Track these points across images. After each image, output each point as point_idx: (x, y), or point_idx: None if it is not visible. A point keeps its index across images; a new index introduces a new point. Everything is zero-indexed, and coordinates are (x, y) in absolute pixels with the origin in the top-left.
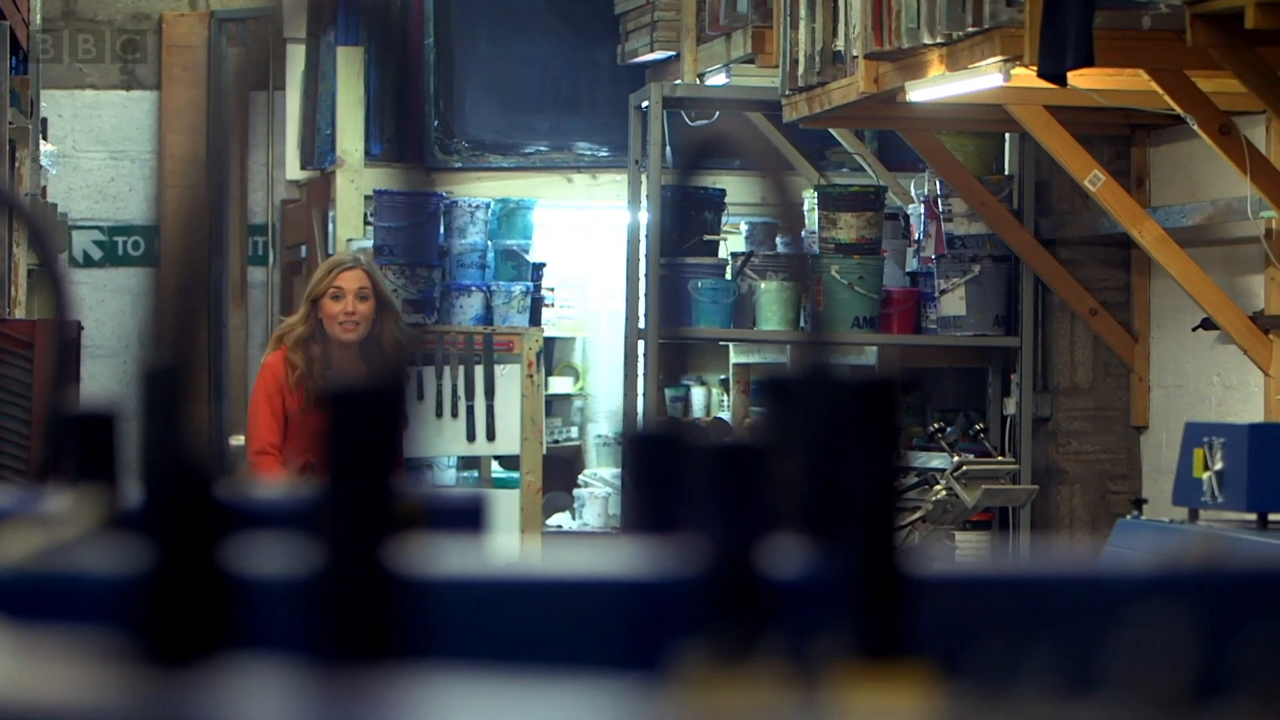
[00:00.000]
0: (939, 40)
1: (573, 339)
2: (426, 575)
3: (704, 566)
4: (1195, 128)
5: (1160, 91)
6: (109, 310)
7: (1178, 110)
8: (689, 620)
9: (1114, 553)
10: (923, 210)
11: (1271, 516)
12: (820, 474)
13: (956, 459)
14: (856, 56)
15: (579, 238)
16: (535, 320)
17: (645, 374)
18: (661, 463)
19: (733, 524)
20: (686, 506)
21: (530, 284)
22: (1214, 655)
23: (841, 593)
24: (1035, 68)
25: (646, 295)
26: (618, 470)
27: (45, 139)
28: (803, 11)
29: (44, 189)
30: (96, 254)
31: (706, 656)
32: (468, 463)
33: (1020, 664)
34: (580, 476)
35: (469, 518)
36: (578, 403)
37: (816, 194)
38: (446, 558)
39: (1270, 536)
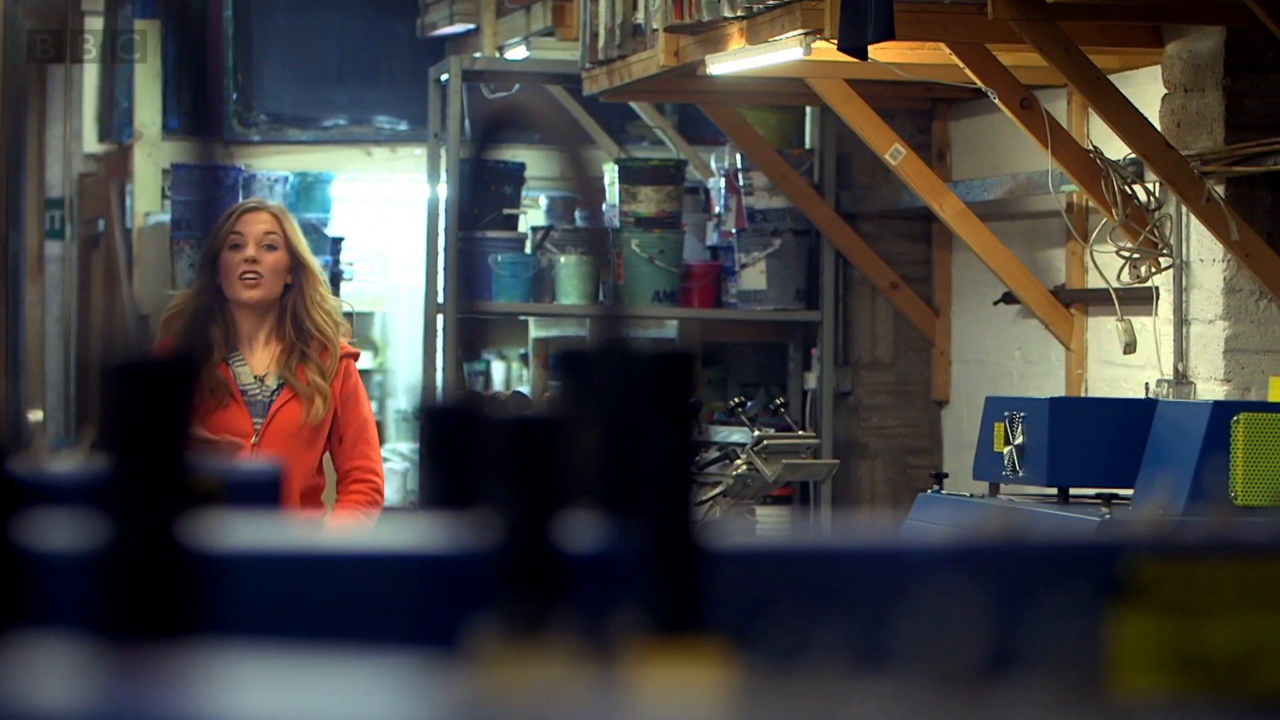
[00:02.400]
0: (739, 13)
1: (372, 313)
2: (220, 549)
3: (499, 541)
4: (996, 101)
5: (961, 65)
6: None
7: (979, 84)
8: (485, 595)
9: (914, 527)
10: (723, 184)
11: (1072, 490)
12: (617, 448)
13: (757, 434)
14: (657, 30)
15: (378, 212)
16: (335, 294)
17: (444, 348)
18: (458, 437)
19: (529, 498)
20: (483, 481)
21: (329, 258)
22: (1009, 628)
23: (638, 568)
24: (836, 41)
25: (446, 269)
26: (416, 445)
27: None
28: None
29: None
30: None
31: (502, 631)
32: None
33: (817, 637)
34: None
35: (266, 492)
36: (377, 378)
37: (617, 168)
38: (241, 532)
39: (1070, 510)
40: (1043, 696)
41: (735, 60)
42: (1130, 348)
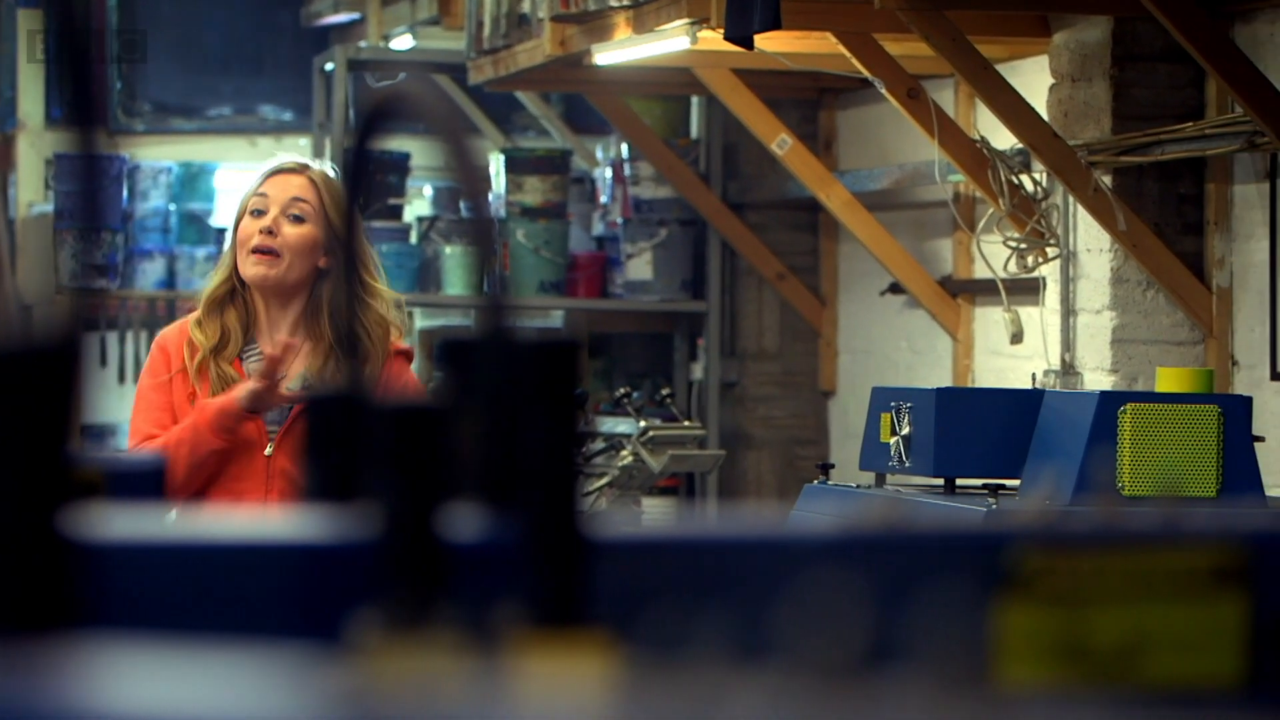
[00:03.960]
0: (625, 3)
1: None
2: (101, 541)
3: (382, 532)
4: (883, 91)
5: (848, 55)
6: None
7: (865, 74)
8: (367, 586)
9: (801, 517)
10: (609, 174)
11: (959, 481)
12: (501, 438)
13: (643, 424)
14: (542, 19)
15: None
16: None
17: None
18: (340, 427)
19: (411, 489)
20: (365, 471)
21: (214, 248)
22: (893, 619)
23: (521, 559)
24: (722, 30)
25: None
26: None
27: None
28: None
29: None
30: None
31: (384, 623)
32: None
33: (700, 628)
34: None
35: (149, 483)
36: None
37: (502, 157)
38: (122, 523)
39: (957, 500)
40: (926, 688)
41: (621, 50)
42: (1017, 338)
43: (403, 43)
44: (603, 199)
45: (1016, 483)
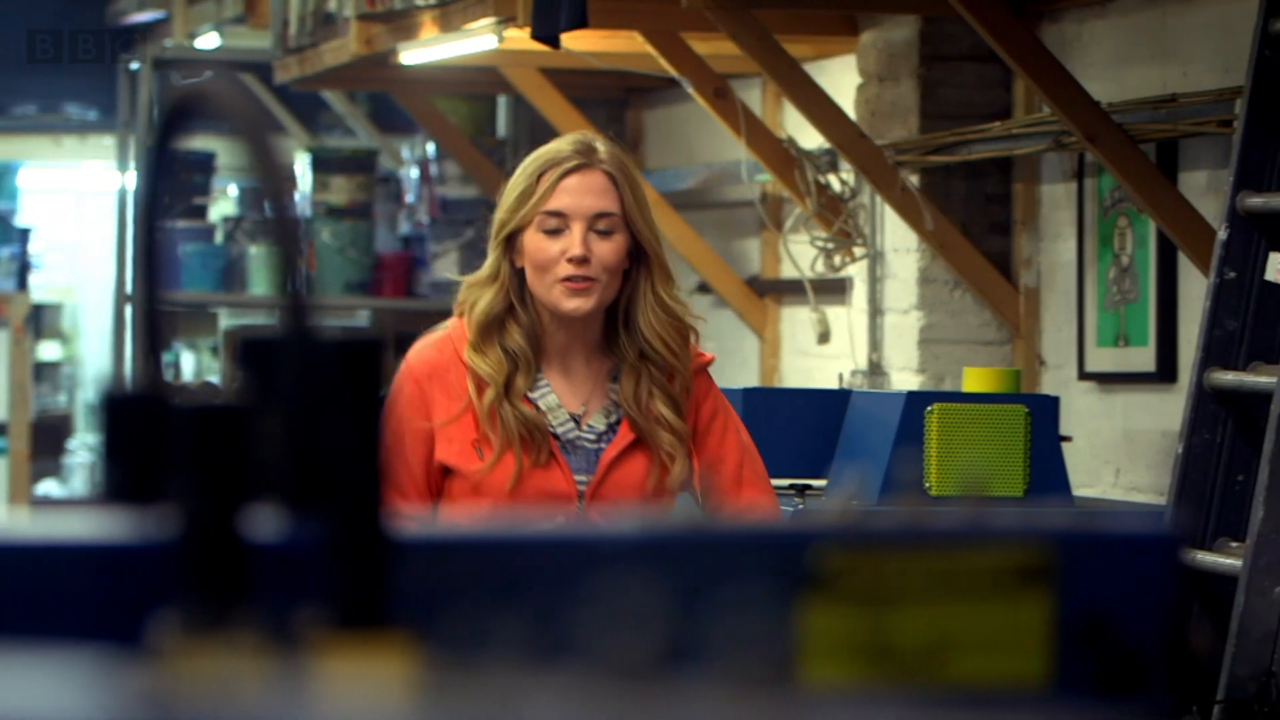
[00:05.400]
0: (432, 2)
1: (61, 304)
2: None
3: (182, 533)
4: (690, 91)
5: (655, 54)
6: None
7: (673, 73)
8: (167, 588)
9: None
10: (416, 173)
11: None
12: (303, 438)
13: None
14: (349, 18)
15: (68, 201)
16: (23, 285)
17: (133, 339)
18: (140, 427)
19: (212, 490)
20: (166, 472)
21: (18, 248)
22: (695, 618)
23: (323, 560)
24: (529, 29)
25: (135, 259)
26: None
27: None
28: None
29: None
30: None
31: (185, 625)
32: None
33: (502, 628)
34: (69, 444)
35: None
36: (67, 369)
37: (309, 157)
38: None
39: None
40: (727, 688)
41: (427, 49)
42: (824, 338)
43: (208, 41)
44: (409, 199)
45: (823, 483)
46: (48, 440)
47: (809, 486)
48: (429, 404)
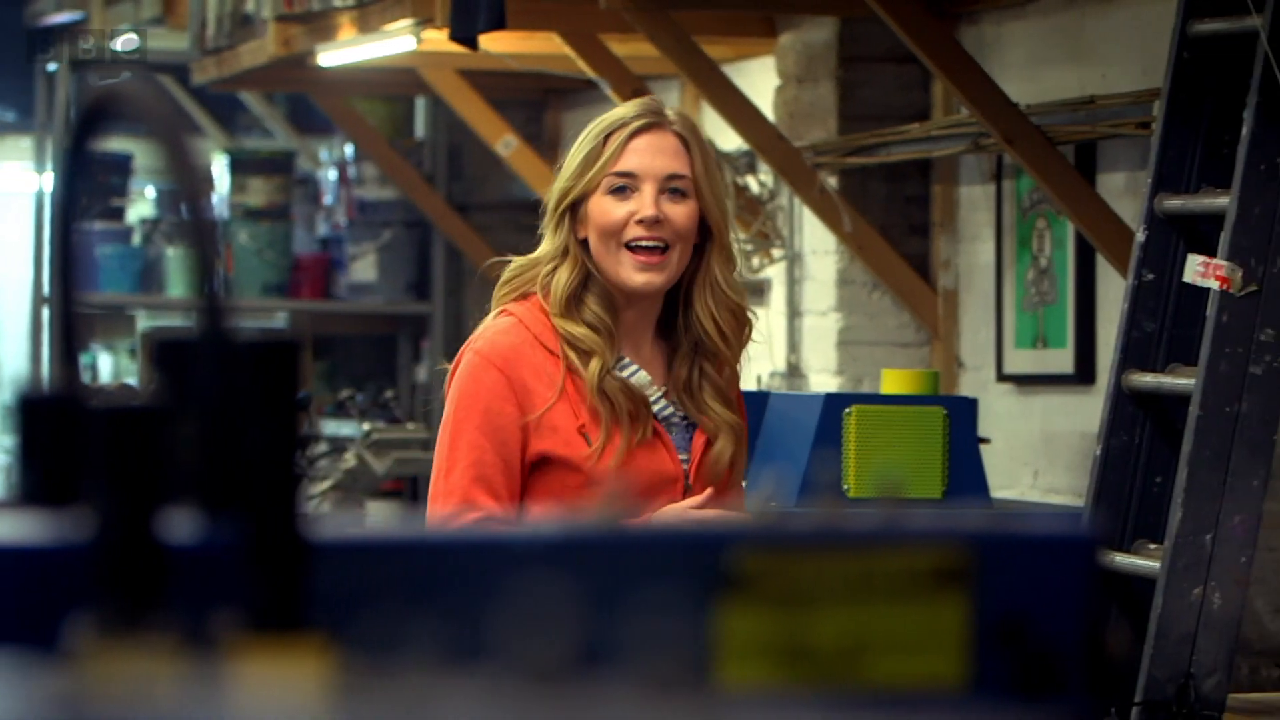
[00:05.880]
0: (350, 3)
1: None
2: None
3: (98, 535)
4: (608, 92)
5: (573, 55)
6: None
7: (591, 75)
8: (82, 591)
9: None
10: (334, 175)
11: None
12: (220, 440)
13: (367, 427)
14: (267, 19)
15: None
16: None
17: (50, 341)
18: (55, 429)
19: (128, 492)
20: (82, 474)
21: None
22: (611, 621)
23: (240, 563)
24: (447, 31)
25: (52, 261)
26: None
27: None
28: None
29: None
30: None
31: (100, 628)
32: None
33: (418, 631)
34: None
35: None
36: None
37: (227, 158)
38: None
39: None
40: (642, 690)
41: (345, 50)
42: None
43: (126, 42)
44: (326, 200)
45: (742, 484)
46: None
47: None
48: (521, 392)
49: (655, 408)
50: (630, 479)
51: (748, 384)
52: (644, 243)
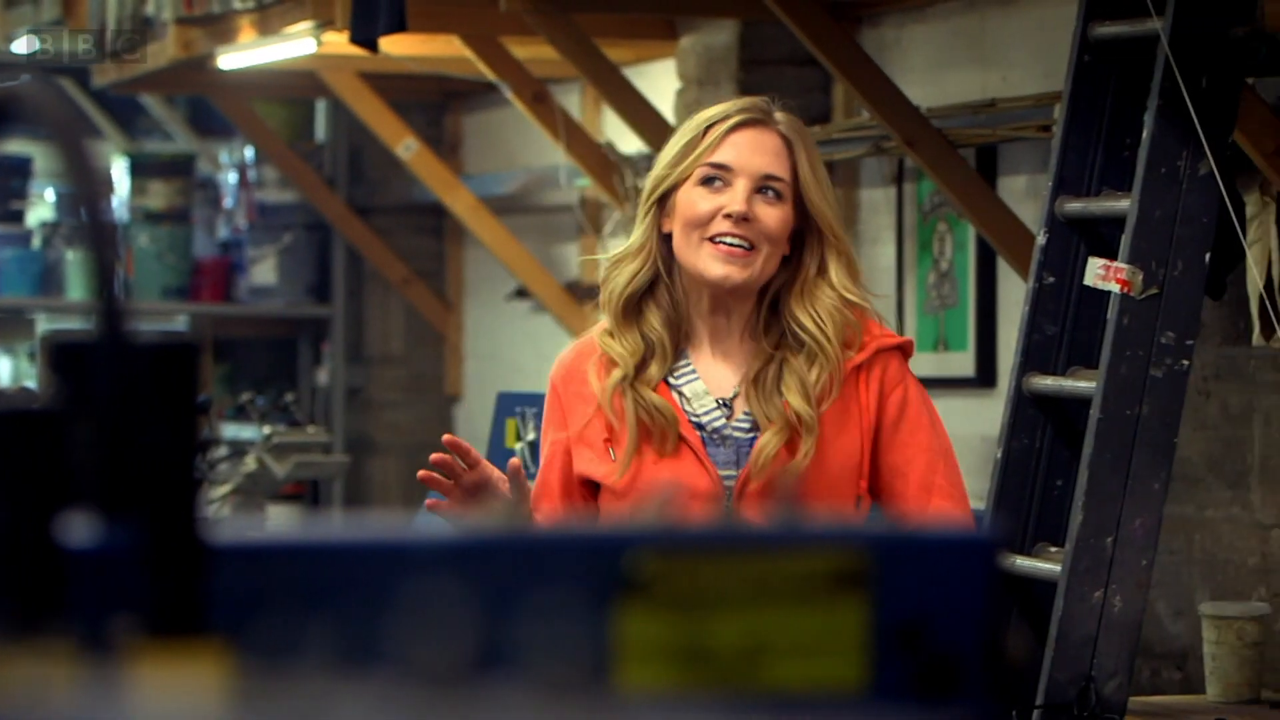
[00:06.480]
0: (250, 5)
1: None
2: None
3: None
4: (509, 95)
5: (474, 58)
6: None
7: (491, 77)
8: None
9: (426, 523)
10: (234, 178)
11: None
12: (118, 443)
13: (267, 430)
14: (167, 22)
15: None
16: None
17: None
18: None
19: (26, 495)
20: None
21: None
22: (509, 624)
23: (138, 566)
24: (347, 33)
25: None
26: None
27: None
28: None
29: None
30: None
31: None
32: None
33: (315, 635)
34: None
35: None
36: None
37: (127, 161)
38: None
39: None
40: (540, 694)
41: (246, 53)
42: None
43: (25, 44)
44: (227, 203)
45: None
46: None
47: None
48: (566, 412)
49: (707, 418)
50: (649, 494)
51: None
52: (728, 239)
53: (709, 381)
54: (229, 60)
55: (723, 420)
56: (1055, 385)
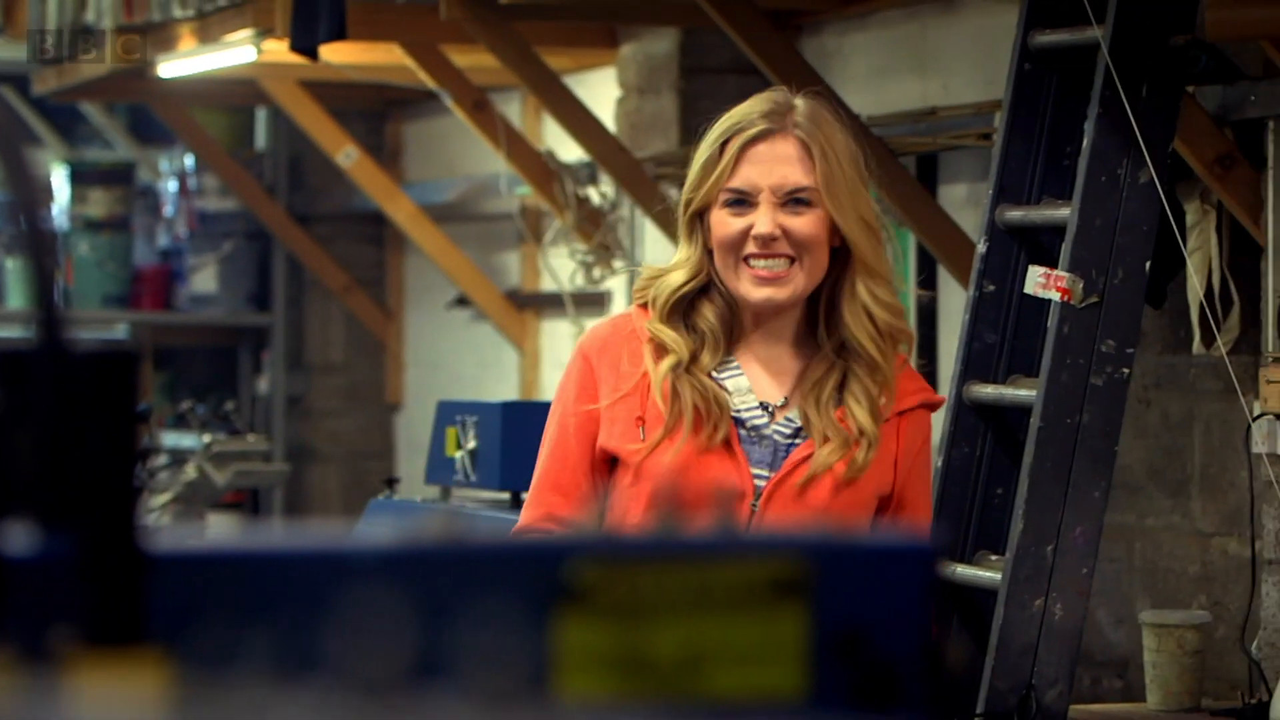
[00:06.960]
0: (190, 13)
1: None
2: None
3: None
4: (449, 103)
5: (414, 66)
6: None
7: (432, 85)
8: None
9: (366, 532)
10: (174, 186)
11: (525, 495)
12: (56, 452)
13: (207, 439)
14: (106, 29)
15: None
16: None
17: None
18: None
19: None
20: None
21: None
22: (447, 633)
23: (76, 576)
24: (287, 41)
25: None
26: None
27: None
28: None
29: None
30: None
31: None
32: None
33: (254, 643)
34: None
35: None
36: None
37: (66, 169)
38: None
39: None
40: (477, 703)
41: (186, 61)
42: None
43: None
44: (167, 212)
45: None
46: None
47: None
48: (597, 382)
49: (749, 415)
50: (682, 483)
51: None
52: (762, 261)
53: (755, 383)
54: (169, 68)
55: (765, 419)
56: (996, 394)
